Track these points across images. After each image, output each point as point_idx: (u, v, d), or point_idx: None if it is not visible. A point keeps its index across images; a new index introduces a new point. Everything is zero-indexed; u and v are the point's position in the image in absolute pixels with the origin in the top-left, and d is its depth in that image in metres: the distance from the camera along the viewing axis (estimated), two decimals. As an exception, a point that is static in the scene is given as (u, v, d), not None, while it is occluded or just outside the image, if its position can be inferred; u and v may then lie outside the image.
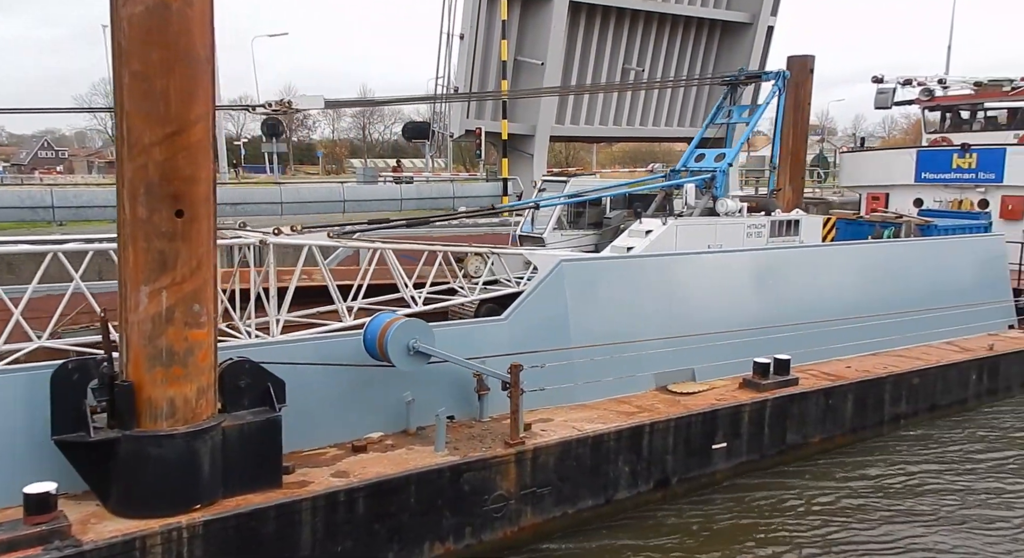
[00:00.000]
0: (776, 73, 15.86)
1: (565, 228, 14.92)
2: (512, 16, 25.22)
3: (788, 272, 13.21)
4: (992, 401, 14.51)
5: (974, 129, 22.78)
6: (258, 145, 57.20)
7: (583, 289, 11.00)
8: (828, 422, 12.16)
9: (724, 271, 12.41)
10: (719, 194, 14.66)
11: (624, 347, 11.08)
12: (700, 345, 11.93)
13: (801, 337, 12.97)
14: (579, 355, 10.63)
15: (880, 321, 14.13)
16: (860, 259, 14.31)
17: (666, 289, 11.83)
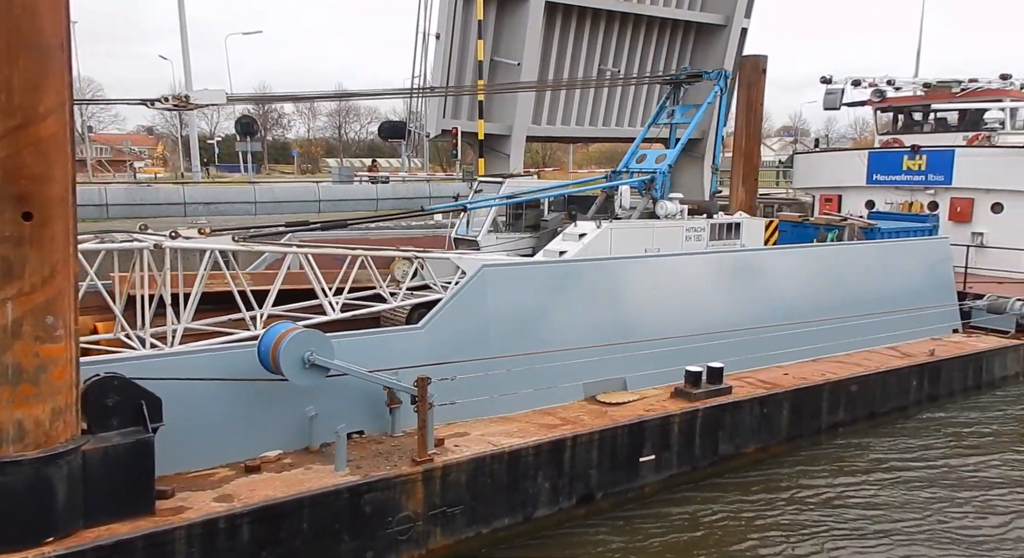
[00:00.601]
0: (717, 73, 15.50)
1: (501, 231, 14.46)
2: (488, 16, 25.21)
3: (726, 276, 12.88)
4: (934, 407, 14.33)
5: (925, 131, 22.76)
6: (232, 144, 56.29)
7: (506, 295, 10.54)
8: (763, 431, 11.85)
9: (658, 276, 12.03)
10: (659, 196, 14.29)
11: (550, 356, 10.65)
12: (631, 353, 11.56)
13: (738, 344, 12.67)
14: (501, 365, 10.17)
15: (821, 326, 13.88)
16: (801, 263, 14.05)
17: (595, 295, 11.41)
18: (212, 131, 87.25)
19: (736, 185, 23.82)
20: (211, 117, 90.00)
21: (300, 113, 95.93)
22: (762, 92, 23.19)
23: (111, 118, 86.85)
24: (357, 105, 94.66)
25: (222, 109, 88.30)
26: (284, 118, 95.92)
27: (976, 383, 15.06)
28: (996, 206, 20.08)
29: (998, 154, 19.84)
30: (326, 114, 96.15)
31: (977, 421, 14.02)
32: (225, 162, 71.72)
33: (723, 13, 30.13)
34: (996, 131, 20.33)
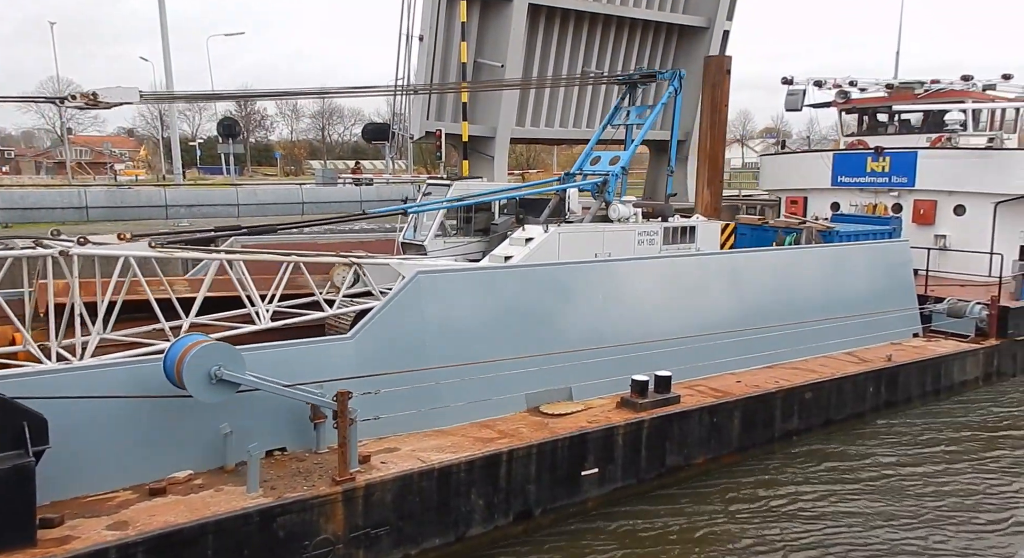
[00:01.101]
0: (672, 73, 15.17)
1: (449, 235, 14.04)
2: (471, 18, 25.28)
3: (677, 281, 12.55)
4: (891, 414, 14.10)
5: (889, 132, 22.62)
6: (214, 146, 55.86)
7: (443, 303, 10.13)
8: (713, 441, 11.53)
9: (605, 281, 11.67)
10: (611, 199, 13.93)
11: (490, 366, 10.25)
12: (577, 362, 11.18)
13: (689, 351, 12.34)
14: (437, 376, 9.77)
15: (776, 332, 13.60)
16: (755, 267, 13.75)
17: (538, 302, 11.03)
18: (194, 133, 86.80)
19: (701, 187, 23.50)
20: (193, 119, 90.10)
21: (283, 115, 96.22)
22: (727, 93, 22.87)
23: (91, 120, 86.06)
24: (341, 107, 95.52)
25: (204, 111, 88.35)
26: (267, 120, 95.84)
27: (935, 388, 14.86)
28: (959, 208, 19.96)
29: (960, 156, 19.71)
30: (309, 116, 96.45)
31: (934, 428, 13.81)
32: (207, 164, 71.35)
33: (705, 15, 30.46)
34: (956, 133, 20.20)
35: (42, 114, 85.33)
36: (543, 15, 26.92)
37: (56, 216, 25.25)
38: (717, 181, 23.37)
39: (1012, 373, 16.42)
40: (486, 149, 26.68)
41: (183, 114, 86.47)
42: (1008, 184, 18.82)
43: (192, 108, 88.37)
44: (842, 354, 14.52)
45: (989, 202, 19.25)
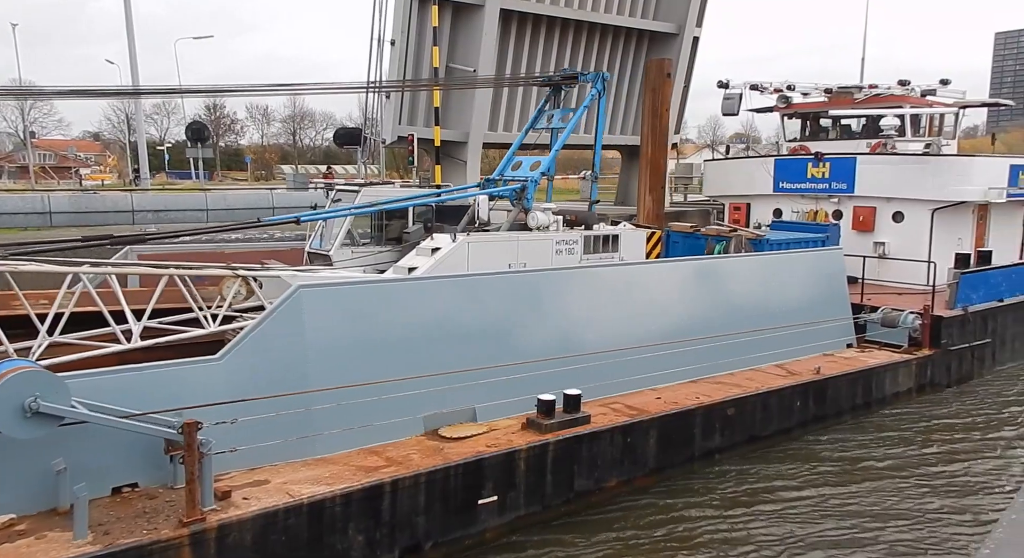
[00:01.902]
0: (595, 75, 14.60)
1: (358, 244, 13.28)
2: (443, 23, 25.11)
3: (592, 293, 11.95)
4: (820, 429, 13.65)
5: (831, 137, 22.38)
6: (183, 150, 54.81)
7: (329, 319, 9.39)
8: (627, 463, 10.93)
9: (512, 294, 11.01)
10: (530, 206, 13.30)
11: (382, 387, 9.53)
12: (482, 381, 10.51)
13: (606, 366, 11.76)
14: (319, 400, 9.02)
15: (700, 345, 13.08)
16: (678, 277, 13.21)
17: (439, 317, 10.34)
18: (162, 137, 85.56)
19: (643, 194, 23.06)
20: (161, 123, 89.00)
21: (254, 119, 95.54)
22: (668, 97, 22.54)
23: (55, 124, 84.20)
24: (312, 111, 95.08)
25: (172, 114, 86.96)
26: (237, 124, 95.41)
27: (865, 401, 14.46)
28: (897, 215, 19.71)
29: (897, 162, 19.47)
30: (280, 120, 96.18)
31: (864, 443, 13.38)
32: (176, 169, 70.10)
33: (675, 22, 30.79)
34: (892, 138, 19.97)
35: (3, 116, 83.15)
36: (515, 20, 26.98)
37: (18, 222, 24.59)
38: (659, 187, 22.96)
39: (946, 384, 16.12)
40: (459, 154, 26.51)
41: (151, 118, 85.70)
42: (944, 190, 18.59)
43: (160, 112, 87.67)
44: (771, 367, 14.05)
45: (926, 209, 19.02)
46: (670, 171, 37.62)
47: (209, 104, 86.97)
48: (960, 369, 16.42)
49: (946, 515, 10.86)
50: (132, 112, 60.08)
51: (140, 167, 45.20)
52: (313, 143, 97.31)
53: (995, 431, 14.26)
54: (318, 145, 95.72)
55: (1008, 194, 19.27)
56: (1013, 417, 15.07)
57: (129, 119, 69.04)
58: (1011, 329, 17.68)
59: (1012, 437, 14.04)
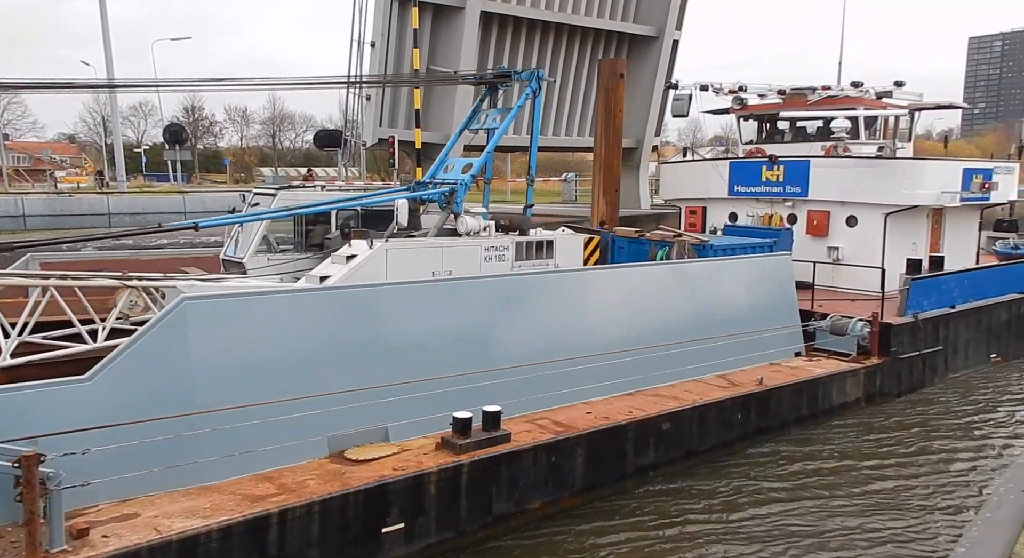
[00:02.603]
0: (529, 73, 14.01)
1: (275, 251, 12.58)
2: (424, 25, 25.05)
3: (519, 303, 11.34)
4: (763, 442, 13.15)
5: (786, 140, 22.00)
6: (160, 152, 54.07)
7: (219, 334, 8.69)
8: (551, 483, 10.33)
9: (428, 304, 10.37)
10: (460, 210, 12.68)
11: (279, 407, 8.85)
12: (396, 398, 9.87)
13: (535, 380, 11.17)
14: (205, 422, 8.32)
15: (638, 356, 12.53)
16: (615, 285, 12.65)
17: (347, 330, 9.67)
18: (139, 139, 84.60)
19: (597, 197, 22.57)
20: (138, 125, 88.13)
21: (232, 121, 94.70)
22: (621, 98, 22.02)
23: (28, 125, 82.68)
24: (292, 113, 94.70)
25: (150, 116, 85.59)
26: (215, 126, 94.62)
27: (811, 412, 14.00)
28: (851, 219, 19.35)
29: (850, 165, 19.11)
30: (260, 122, 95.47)
31: (808, 456, 12.90)
32: (154, 171, 69.09)
33: (655, 25, 31.19)
34: (843, 140, 19.62)
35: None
36: (495, 23, 26.98)
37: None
38: (613, 190, 22.44)
39: (896, 393, 15.73)
40: None
41: (127, 120, 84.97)
42: (896, 194, 18.24)
43: (137, 113, 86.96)
44: (714, 377, 13.54)
45: (879, 213, 18.66)
46: (650, 173, 37.34)
47: (187, 106, 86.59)
48: (911, 378, 16.04)
49: (895, 532, 10.40)
50: (108, 114, 59.03)
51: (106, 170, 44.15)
52: (293, 145, 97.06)
53: (946, 442, 13.87)
54: (298, 147, 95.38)
55: (962, 198, 18.99)
56: (965, 427, 14.71)
57: (105, 121, 68.01)
58: (964, 336, 17.35)
59: (964, 448, 13.66)
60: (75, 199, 29.30)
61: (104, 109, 67.63)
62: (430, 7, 24.99)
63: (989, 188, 19.11)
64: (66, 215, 26.03)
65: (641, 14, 31.05)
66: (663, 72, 30.64)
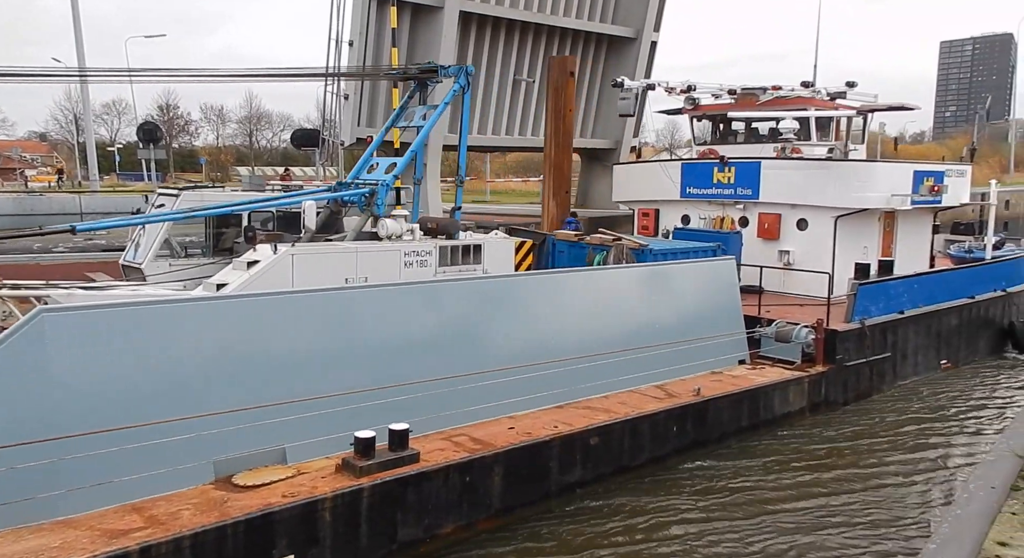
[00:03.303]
0: (458, 68, 13.32)
1: (178, 256, 11.77)
2: (402, 24, 25.00)
3: (440, 311, 10.65)
4: (700, 455, 12.59)
5: (739, 141, 21.56)
6: (133, 151, 52.83)
7: (84, 350, 7.89)
8: (466, 505, 9.66)
9: (332, 315, 9.63)
10: (381, 212, 11.95)
11: (157, 429, 8.07)
12: (294, 415, 9.13)
13: (456, 394, 10.48)
14: (63, 449, 7.52)
15: (570, 367, 11.91)
16: (544, 291, 12.01)
17: (238, 344, 8.91)
18: (112, 138, 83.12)
19: (547, 198, 22.00)
20: (111, 123, 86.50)
21: (208, 120, 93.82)
22: (572, 97, 21.48)
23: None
24: (269, 112, 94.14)
25: (123, 115, 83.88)
26: (191, 125, 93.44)
27: (752, 423, 13.48)
28: (801, 222, 18.94)
29: (800, 166, 18.70)
30: (236, 121, 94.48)
31: (747, 470, 12.37)
32: (128, 170, 67.66)
33: (633, 27, 31.57)
34: (791, 142, 19.22)
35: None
36: (474, 22, 27.04)
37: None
38: (563, 192, 21.89)
39: (843, 402, 15.29)
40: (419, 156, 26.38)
41: (100, 118, 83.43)
42: (846, 197, 17.86)
43: (110, 112, 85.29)
44: (650, 388, 12.96)
45: (829, 216, 18.26)
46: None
47: (162, 104, 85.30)
48: (858, 386, 15.61)
49: (842, 549, 9.90)
50: (80, 112, 57.52)
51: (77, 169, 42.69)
52: (270, 145, 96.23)
53: (893, 451, 13.45)
54: (275, 147, 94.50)
55: (912, 201, 18.66)
56: (912, 435, 14.30)
57: (77, 119, 66.41)
58: (912, 342, 16.98)
59: (910, 457, 13.25)
60: (46, 198, 29.03)
61: (76, 107, 66.05)
62: (408, 6, 24.93)
63: (939, 191, 18.80)
64: (36, 214, 25.52)
65: (619, 15, 31.52)
66: (641, 73, 30.92)
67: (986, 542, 4.17)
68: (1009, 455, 5.60)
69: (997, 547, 4.25)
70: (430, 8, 24.98)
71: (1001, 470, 5.20)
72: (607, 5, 30.99)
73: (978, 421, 15.25)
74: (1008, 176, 69.26)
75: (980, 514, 4.45)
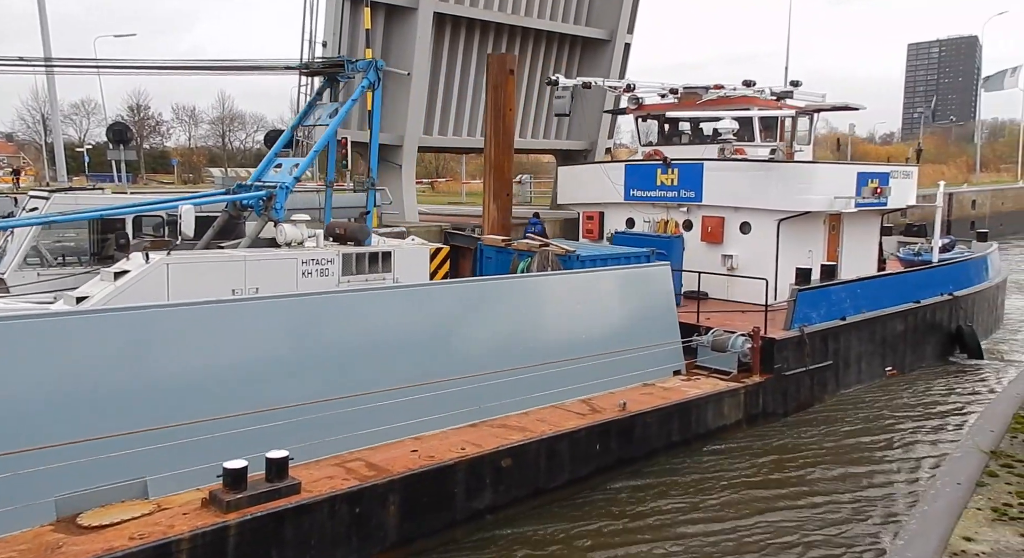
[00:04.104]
0: (366, 62, 12.45)
1: (48, 264, 10.75)
2: (376, 25, 24.93)
3: (330, 326, 9.77)
4: (627, 474, 11.86)
5: (684, 142, 20.98)
6: (103, 152, 51.33)
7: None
8: (356, 539, 8.80)
9: (200, 331, 8.71)
10: (280, 217, 11.04)
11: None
12: (158, 444, 8.21)
13: (354, 415, 9.63)
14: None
15: (486, 382, 11.11)
16: (459, 301, 11.20)
17: (88, 366, 7.97)
18: (81, 138, 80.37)
19: (488, 201, 21.18)
20: (80, 123, 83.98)
21: (180, 120, 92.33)
22: (511, 95, 20.69)
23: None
24: (242, 113, 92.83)
25: (93, 115, 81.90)
26: (162, 125, 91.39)
27: (684, 438, 12.79)
28: (744, 226, 18.37)
29: (743, 168, 18.14)
30: (208, 122, 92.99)
31: (675, 489, 11.66)
32: (97, 172, 66.33)
33: (607, 28, 31.70)
34: (730, 143, 18.66)
35: None
36: (448, 24, 26.96)
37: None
38: (504, 194, 21.08)
39: (783, 413, 14.68)
40: (394, 158, 25.94)
41: (69, 118, 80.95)
42: (787, 200, 17.32)
43: (79, 112, 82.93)
44: (575, 403, 12.21)
45: (772, 219, 17.72)
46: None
47: (132, 104, 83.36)
48: (798, 396, 15.03)
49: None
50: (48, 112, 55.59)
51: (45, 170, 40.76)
52: (244, 146, 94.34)
53: (834, 464, 12.88)
54: (249, 148, 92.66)
55: (857, 204, 18.18)
56: (853, 446, 13.73)
57: (45, 119, 64.36)
58: (856, 349, 16.46)
59: (852, 471, 12.69)
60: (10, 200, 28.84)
61: (44, 107, 64.05)
62: (383, 7, 24.78)
63: (882, 193, 18.35)
64: (1, 216, 24.96)
65: (593, 17, 31.78)
66: (615, 74, 31.12)
67: (952, 537, 4.20)
68: (975, 451, 5.56)
69: (963, 542, 4.27)
70: (404, 9, 24.91)
71: (967, 466, 5.19)
72: (581, 7, 31.37)
73: (922, 429, 14.79)
74: (975, 176, 70.36)
75: (946, 510, 4.50)
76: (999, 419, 6.42)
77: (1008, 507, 4.69)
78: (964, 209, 53.24)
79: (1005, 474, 5.17)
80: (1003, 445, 5.74)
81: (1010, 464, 5.37)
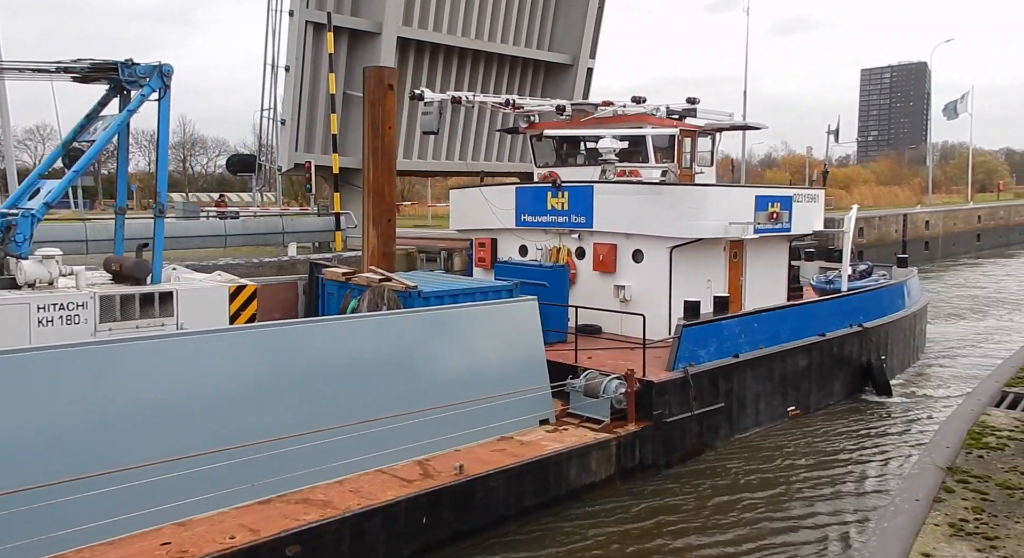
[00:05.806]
0: (148, 67, 10.59)
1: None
2: (339, 50, 24.96)
3: (67, 386, 7.84)
4: (467, 548, 10.09)
5: (579, 163, 19.58)
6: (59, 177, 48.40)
7: None
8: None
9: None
10: (23, 251, 9.10)
11: None
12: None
13: (88, 501, 7.68)
14: None
15: (284, 448, 9.26)
16: (257, 353, 9.34)
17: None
18: (35, 162, 77.86)
19: (367, 228, 19.38)
20: (35, 148, 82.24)
21: (139, 145, 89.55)
22: (391, 111, 19.00)
23: None
24: (204, 137, 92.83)
25: (48, 140, 78.47)
26: None
27: (541, 502, 11.07)
28: (637, 254, 16.91)
29: (633, 192, 16.71)
30: (170, 147, 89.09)
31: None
32: None
33: (570, 53, 32.44)
34: (612, 163, 17.28)
35: None
36: (412, 48, 26.99)
37: None
38: (385, 220, 19.25)
39: (664, 464, 13.08)
40: (358, 182, 25.14)
41: (23, 144, 79.28)
42: (678, 226, 15.92)
43: (34, 137, 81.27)
44: (409, 465, 10.42)
45: (664, 247, 16.29)
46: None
47: None
48: (683, 443, 13.47)
49: None
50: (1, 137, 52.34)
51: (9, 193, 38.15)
52: (205, 170, 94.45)
53: (725, 516, 11.37)
54: (211, 172, 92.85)
55: (756, 229, 16.90)
56: (746, 500, 12.16)
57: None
58: (752, 389, 15.02)
59: (744, 523, 11.18)
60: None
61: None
62: (346, 32, 24.62)
63: (779, 218, 17.13)
64: None
65: (556, 43, 32.45)
66: (579, 98, 31.48)
67: (911, 554, 4.29)
68: (932, 468, 5.54)
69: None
70: (367, 34, 24.68)
71: (924, 483, 5.26)
72: (544, 33, 31.84)
73: (826, 472, 13.43)
74: (927, 197, 71.77)
75: (905, 527, 4.59)
76: (954, 435, 6.33)
77: (964, 522, 4.69)
78: (918, 230, 53.51)
79: (961, 490, 5.18)
80: (959, 461, 5.72)
81: (966, 480, 5.36)
